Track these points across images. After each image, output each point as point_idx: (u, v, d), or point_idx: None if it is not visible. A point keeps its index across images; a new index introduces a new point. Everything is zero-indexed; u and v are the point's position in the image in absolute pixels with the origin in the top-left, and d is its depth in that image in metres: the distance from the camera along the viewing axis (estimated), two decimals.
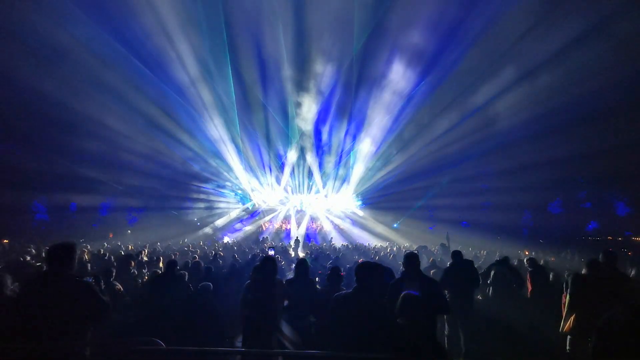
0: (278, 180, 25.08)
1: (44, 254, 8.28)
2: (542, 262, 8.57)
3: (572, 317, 4.00)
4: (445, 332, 5.05)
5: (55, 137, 16.52)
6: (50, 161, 16.72)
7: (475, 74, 16.26)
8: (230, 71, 17.35)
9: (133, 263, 6.27)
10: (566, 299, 4.17)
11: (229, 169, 22.83)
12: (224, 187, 24.92)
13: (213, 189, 24.64)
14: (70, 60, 14.17)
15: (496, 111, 17.09)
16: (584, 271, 4.29)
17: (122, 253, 9.86)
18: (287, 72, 17.94)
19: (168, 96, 17.69)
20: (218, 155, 21.77)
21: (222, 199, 25.29)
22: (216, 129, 20.02)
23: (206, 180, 23.82)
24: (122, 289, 4.81)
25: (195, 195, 24.09)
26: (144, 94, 16.68)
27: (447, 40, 15.62)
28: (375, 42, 16.47)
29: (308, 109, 19.95)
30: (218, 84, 17.94)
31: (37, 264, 6.27)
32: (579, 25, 13.27)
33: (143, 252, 9.77)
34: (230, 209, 25.28)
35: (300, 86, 18.89)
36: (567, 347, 4.04)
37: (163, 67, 16.11)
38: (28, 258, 7.07)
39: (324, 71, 17.88)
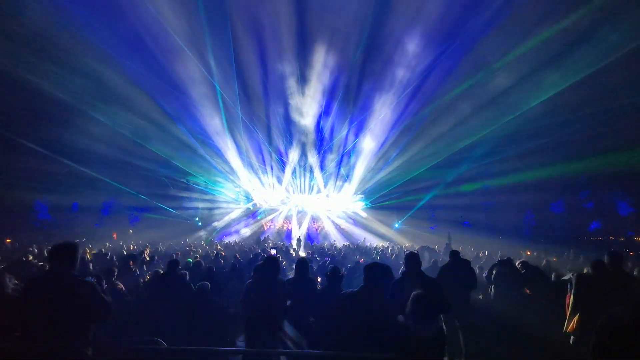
0: (279, 180, 25.13)
1: (46, 254, 8.33)
2: (543, 262, 8.55)
3: (575, 318, 4.00)
4: (445, 333, 5.03)
5: (56, 136, 16.55)
6: (53, 161, 16.76)
7: (479, 73, 16.18)
8: (234, 68, 17.37)
9: (133, 262, 6.29)
10: (570, 299, 4.16)
11: (231, 168, 22.86)
12: (225, 186, 24.94)
13: (214, 189, 24.69)
14: (69, 56, 14.17)
15: (499, 111, 17.03)
16: (585, 271, 4.29)
17: (124, 252, 9.90)
18: (289, 68, 17.88)
19: (170, 95, 17.73)
20: (219, 155, 21.80)
21: (223, 198, 25.32)
22: (218, 128, 20.07)
23: (207, 180, 23.85)
24: (124, 288, 4.82)
25: (196, 195, 24.14)
26: (144, 92, 16.70)
27: (449, 39, 15.54)
28: (379, 37, 16.31)
29: (310, 107, 19.93)
30: (220, 81, 17.94)
31: (40, 264, 6.28)
32: (585, 23, 13.20)
33: (145, 251, 9.80)
34: (231, 209, 25.33)
35: (303, 83, 18.83)
36: (571, 347, 4.03)
37: (164, 65, 16.12)
38: (30, 257, 7.09)
39: (326, 67, 17.81)
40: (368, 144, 21.50)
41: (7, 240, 14.14)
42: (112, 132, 17.65)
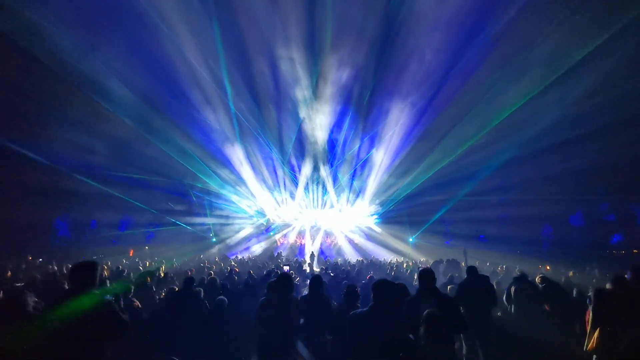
0: (292, 196, 25.22)
1: (65, 271, 8.52)
2: (563, 279, 8.30)
3: (595, 335, 3.86)
4: (464, 352, 4.89)
5: (75, 154, 17.07)
6: (71, 179, 17.24)
7: (496, 83, 16.07)
8: (247, 84, 17.79)
9: (150, 279, 6.36)
10: (589, 315, 4.03)
11: (245, 184, 23.11)
12: (239, 202, 25.14)
13: (228, 205, 24.90)
14: (87, 77, 14.71)
15: (516, 122, 16.84)
16: (608, 286, 4.16)
17: (141, 269, 10.02)
18: (302, 81, 18.13)
19: (184, 113, 18.20)
20: (233, 171, 22.10)
21: (236, 214, 25.49)
22: (232, 144, 20.44)
23: (221, 196, 24.11)
24: (140, 305, 4.87)
25: (210, 211, 24.38)
26: (160, 111, 17.18)
27: (464, 47, 15.54)
28: (392, 46, 16.39)
29: (323, 121, 20.11)
30: (234, 98, 18.32)
31: (61, 281, 6.41)
32: (605, 30, 13.08)
33: (161, 268, 9.90)
34: (244, 225, 25.45)
35: (316, 96, 19.00)
36: None
37: (179, 83, 16.60)
38: (51, 275, 7.25)
39: (339, 79, 17.94)
40: (381, 157, 21.49)
41: (29, 258, 14.49)
42: (128, 150, 18.16)
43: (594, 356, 3.89)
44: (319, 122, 20.14)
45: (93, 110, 15.54)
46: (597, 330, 3.86)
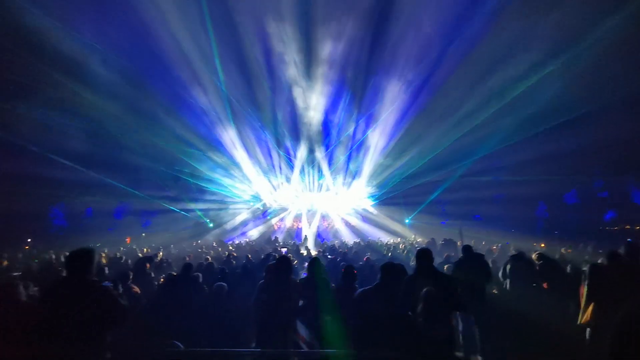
0: (288, 179, 25.20)
1: (62, 259, 8.51)
2: (557, 255, 8.43)
3: (589, 309, 3.94)
4: (460, 329, 4.99)
5: (69, 142, 16.84)
6: (67, 167, 17.06)
7: (492, 62, 15.88)
8: (240, 66, 17.40)
9: (149, 265, 6.38)
10: (584, 290, 4.10)
11: (240, 168, 23.01)
12: (234, 187, 25.08)
13: (224, 189, 24.83)
14: (81, 64, 14.37)
15: (511, 101, 16.76)
16: (600, 261, 4.23)
17: (140, 255, 10.04)
18: (296, 61, 17.71)
19: (176, 97, 17.91)
20: (228, 155, 21.94)
21: (232, 199, 25.47)
22: (226, 128, 20.23)
23: (217, 181, 24.00)
24: (139, 291, 4.89)
25: (206, 197, 24.33)
26: (153, 95, 16.88)
27: (462, 25, 15.23)
28: (388, 20, 15.93)
29: (317, 102, 19.83)
30: (226, 81, 17.98)
31: (58, 269, 6.41)
32: (601, 11, 12.91)
33: (158, 254, 9.92)
34: (240, 210, 25.48)
35: (309, 77, 18.61)
36: (587, 340, 3.97)
37: (171, 67, 16.26)
38: (48, 264, 7.24)
39: (333, 58, 17.52)
40: (376, 138, 21.40)
41: (26, 247, 14.47)
42: (121, 135, 17.95)
43: (588, 329, 3.98)
44: (313, 103, 19.86)
45: (78, 95, 15.23)
46: (591, 304, 3.94)
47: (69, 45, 13.59)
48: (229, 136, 20.69)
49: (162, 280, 6.20)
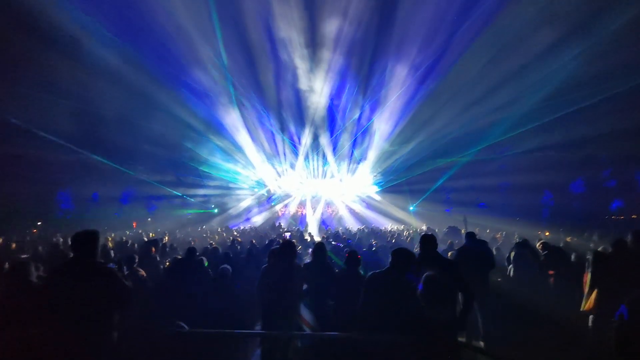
0: (292, 166, 25.19)
1: (69, 243, 8.63)
2: (562, 244, 8.40)
3: (592, 296, 3.93)
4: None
5: (78, 128, 16.89)
6: (72, 151, 17.15)
7: (502, 46, 15.50)
8: (244, 51, 17.18)
9: (155, 249, 6.43)
10: (587, 277, 4.09)
11: (244, 155, 23.00)
12: (239, 173, 25.15)
13: (229, 175, 24.92)
14: (89, 51, 14.29)
15: (517, 88, 16.46)
16: (601, 248, 4.19)
17: (145, 239, 10.15)
18: (300, 43, 17.32)
19: (182, 82, 17.80)
20: (233, 142, 21.92)
21: (237, 185, 25.57)
22: (231, 114, 20.14)
23: (222, 167, 24.06)
24: (145, 274, 4.94)
25: (211, 183, 24.45)
26: (159, 81, 16.79)
27: (473, 5, 14.83)
28: (397, 1, 15.58)
29: (322, 88, 19.56)
30: (231, 66, 17.80)
31: (65, 252, 6.49)
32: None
33: (164, 238, 10.03)
34: (245, 196, 25.60)
35: (314, 61, 18.26)
36: (590, 326, 3.97)
37: (176, 51, 16.12)
38: (56, 246, 7.35)
39: (339, 39, 17.19)
40: (382, 124, 21.17)
41: (34, 230, 14.70)
42: (129, 122, 17.96)
43: (590, 316, 3.97)
44: (318, 88, 19.58)
45: (87, 81, 15.20)
46: (594, 291, 3.93)
47: (73, 29, 13.49)
48: (234, 121, 20.59)
49: (167, 264, 6.28)
